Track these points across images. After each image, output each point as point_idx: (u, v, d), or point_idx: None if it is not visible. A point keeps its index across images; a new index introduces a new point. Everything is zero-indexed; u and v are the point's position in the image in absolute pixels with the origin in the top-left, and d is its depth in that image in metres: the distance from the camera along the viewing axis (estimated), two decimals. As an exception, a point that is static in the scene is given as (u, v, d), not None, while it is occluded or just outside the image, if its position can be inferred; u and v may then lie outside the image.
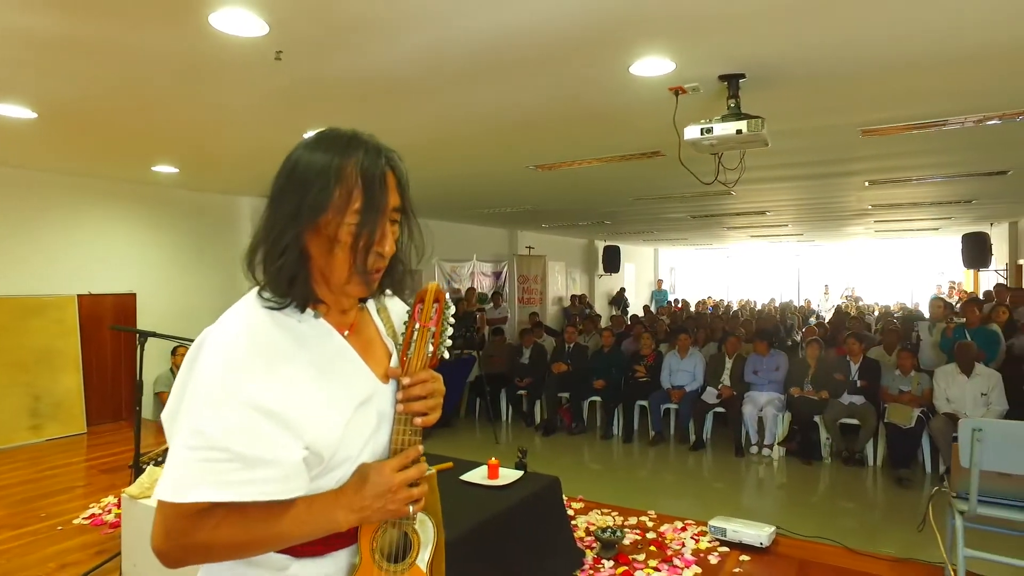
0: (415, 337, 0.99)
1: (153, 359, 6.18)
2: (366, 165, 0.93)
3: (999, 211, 9.57)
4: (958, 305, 8.41)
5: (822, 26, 2.53)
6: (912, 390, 5.97)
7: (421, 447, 0.99)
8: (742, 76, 2.95)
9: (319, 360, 0.94)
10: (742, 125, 2.82)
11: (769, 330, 7.29)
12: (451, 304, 1.02)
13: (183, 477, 0.84)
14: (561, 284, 13.34)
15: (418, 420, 0.99)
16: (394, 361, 1.04)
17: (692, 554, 2.97)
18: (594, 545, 3.28)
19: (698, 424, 6.54)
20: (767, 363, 6.54)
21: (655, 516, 3.36)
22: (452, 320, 1.01)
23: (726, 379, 6.70)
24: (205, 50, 2.73)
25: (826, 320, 10.60)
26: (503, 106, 3.62)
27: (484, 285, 10.34)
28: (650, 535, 3.27)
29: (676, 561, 2.93)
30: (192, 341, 0.94)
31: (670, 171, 3.84)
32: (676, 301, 16.11)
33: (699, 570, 2.82)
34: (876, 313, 11.76)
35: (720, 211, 8.64)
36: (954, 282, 15.85)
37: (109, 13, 2.38)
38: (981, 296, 10.13)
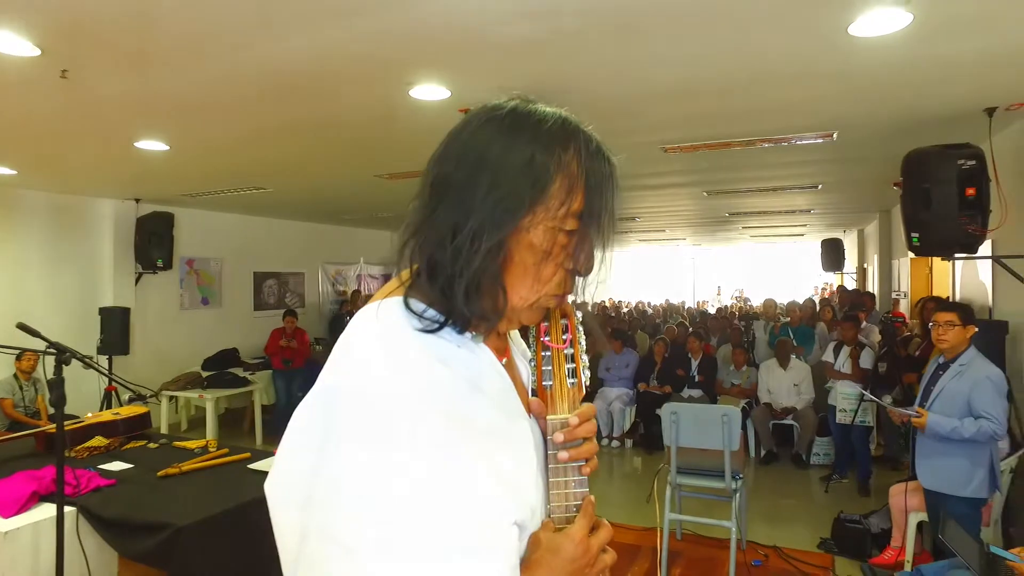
0: (547, 363, 0.80)
1: (-6, 365, 5.96)
2: (589, 156, 0.72)
3: (848, 219, 10.57)
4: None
5: (581, 60, 2.86)
6: (742, 383, 6.59)
7: (594, 499, 0.78)
8: (518, 102, 3.27)
9: (492, 400, 0.72)
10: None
11: (624, 331, 7.78)
12: (580, 317, 0.84)
13: None
14: (458, 286, 13.55)
15: (586, 468, 0.77)
16: (527, 383, 0.85)
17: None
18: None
19: (556, 419, 6.94)
20: (619, 361, 7.02)
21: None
22: (583, 340, 0.83)
23: (583, 376, 7.15)
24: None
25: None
26: (321, 123, 3.82)
27: (372, 288, 10.45)
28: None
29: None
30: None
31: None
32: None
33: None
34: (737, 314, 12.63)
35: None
36: (828, 283, 17.29)
37: None
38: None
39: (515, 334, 0.90)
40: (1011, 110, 3.58)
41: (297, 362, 7.17)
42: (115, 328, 6.33)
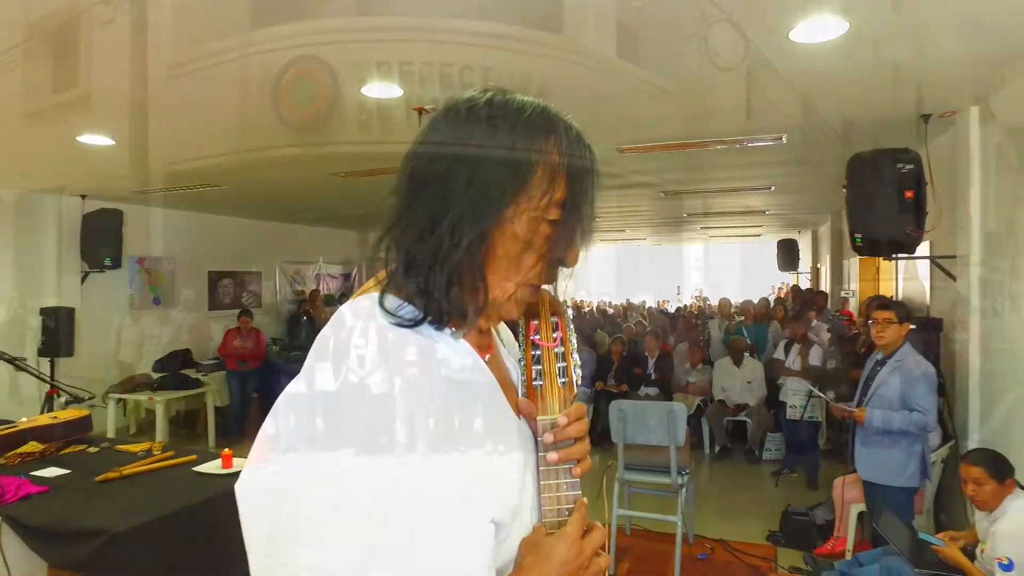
0: (537, 362, 0.78)
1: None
2: (570, 145, 0.71)
3: (802, 220, 10.87)
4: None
5: (532, 60, 2.88)
6: (697, 381, 6.71)
7: (586, 500, 0.77)
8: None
9: (473, 398, 0.71)
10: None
11: (583, 330, 7.86)
12: (570, 316, 0.81)
13: None
14: (420, 286, 13.46)
15: (577, 470, 0.76)
16: (516, 383, 0.82)
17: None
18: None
19: (516, 418, 6.97)
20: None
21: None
22: (574, 338, 0.80)
23: (543, 375, 7.19)
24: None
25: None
26: (274, 120, 3.76)
27: (332, 287, 10.31)
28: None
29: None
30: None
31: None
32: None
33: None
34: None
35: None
36: (784, 283, 17.75)
37: None
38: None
39: (508, 336, 0.88)
40: (944, 117, 3.73)
41: (252, 363, 7.03)
42: (58, 329, 6.10)
